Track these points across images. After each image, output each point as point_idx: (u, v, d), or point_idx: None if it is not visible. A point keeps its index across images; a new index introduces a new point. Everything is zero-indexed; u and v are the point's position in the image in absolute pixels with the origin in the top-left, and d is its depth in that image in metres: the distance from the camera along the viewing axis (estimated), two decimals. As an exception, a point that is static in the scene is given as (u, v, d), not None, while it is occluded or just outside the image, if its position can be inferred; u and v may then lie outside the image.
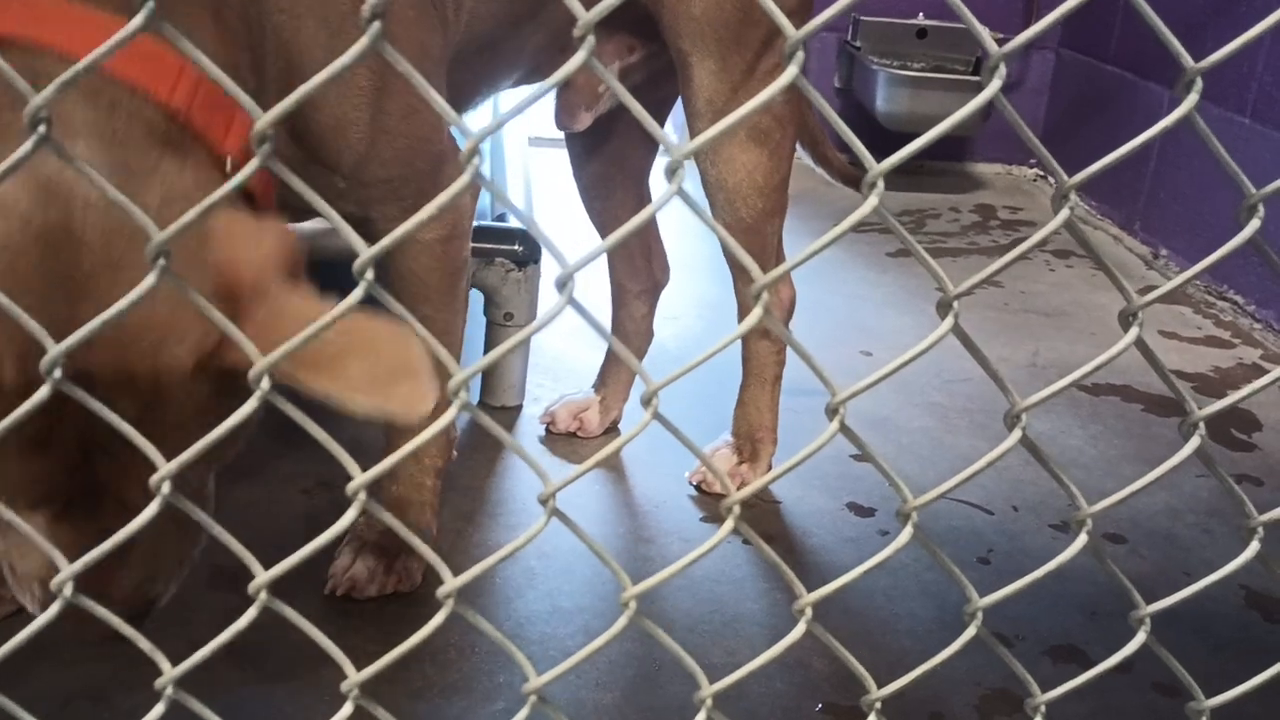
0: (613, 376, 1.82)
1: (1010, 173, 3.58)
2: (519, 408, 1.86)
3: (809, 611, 0.63)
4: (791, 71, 0.54)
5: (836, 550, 1.56)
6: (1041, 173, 3.55)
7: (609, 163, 1.77)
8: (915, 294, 2.53)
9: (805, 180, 3.24)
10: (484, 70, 1.47)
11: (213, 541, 1.56)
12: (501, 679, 1.25)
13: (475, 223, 1.81)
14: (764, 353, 1.69)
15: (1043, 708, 0.68)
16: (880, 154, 0.56)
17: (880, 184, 0.56)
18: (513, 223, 1.86)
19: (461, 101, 1.52)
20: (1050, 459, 0.67)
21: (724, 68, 1.50)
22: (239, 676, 1.20)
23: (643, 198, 1.81)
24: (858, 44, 3.38)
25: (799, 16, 1.50)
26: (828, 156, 1.89)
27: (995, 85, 0.55)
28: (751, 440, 1.70)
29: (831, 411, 0.59)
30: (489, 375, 1.86)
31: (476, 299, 1.85)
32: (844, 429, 0.59)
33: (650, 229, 1.82)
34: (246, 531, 0.64)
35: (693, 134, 1.57)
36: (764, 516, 1.63)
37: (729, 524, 0.61)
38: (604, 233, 1.81)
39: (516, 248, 1.79)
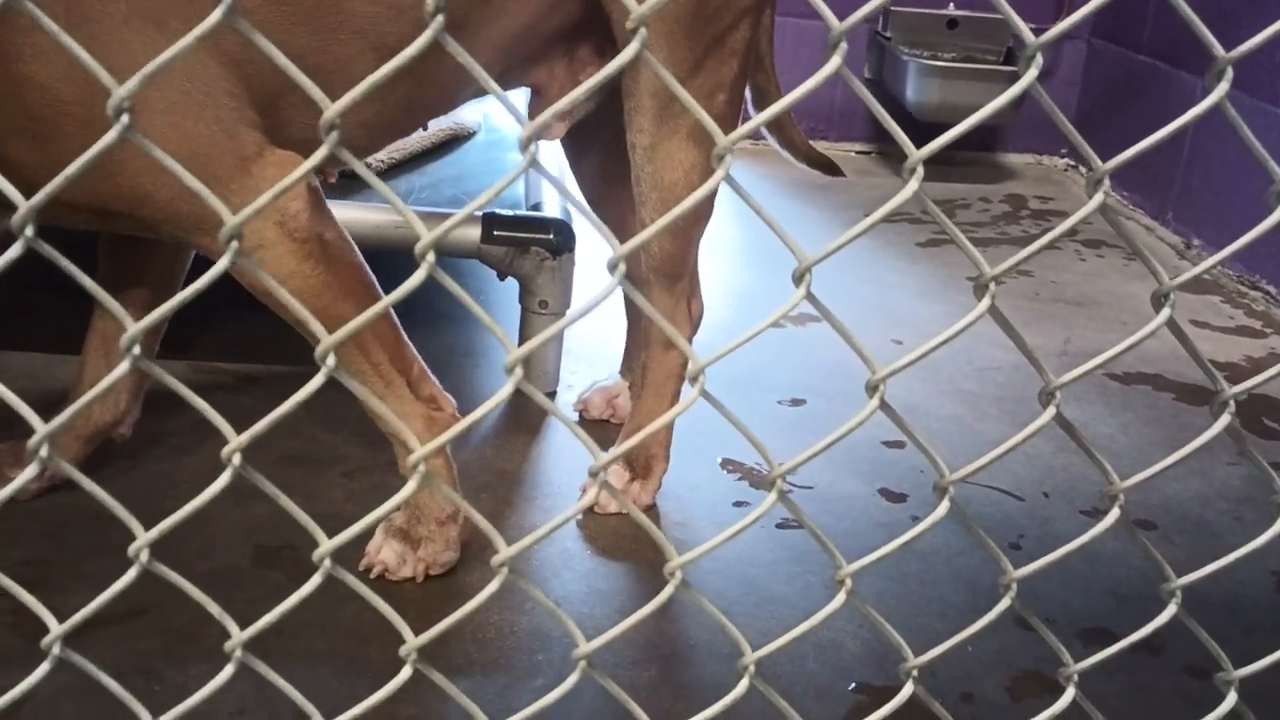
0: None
1: (1041, 163, 3.58)
2: (553, 394, 1.89)
3: (849, 582, 0.65)
4: (835, 62, 0.56)
5: (868, 534, 1.58)
6: (1073, 163, 3.55)
7: (605, 155, 1.72)
8: (946, 284, 2.54)
9: (835, 170, 3.26)
10: (405, 97, 1.36)
11: (255, 523, 1.58)
12: (541, 657, 1.28)
13: (511, 212, 1.85)
14: (670, 363, 1.59)
15: (1075, 678, 0.70)
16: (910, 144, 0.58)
17: (920, 170, 0.58)
18: (548, 212, 1.88)
19: (380, 134, 1.42)
20: (1082, 440, 0.69)
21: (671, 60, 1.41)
22: (283, 653, 1.23)
23: None
24: (888, 34, 3.39)
25: (753, 14, 1.45)
26: (793, 139, 1.83)
27: (1032, 74, 0.57)
28: (645, 455, 1.61)
29: (871, 389, 0.62)
30: (523, 361, 1.89)
31: (512, 287, 1.88)
32: (884, 406, 0.62)
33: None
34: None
35: (631, 123, 1.47)
36: (796, 501, 1.64)
37: (772, 497, 0.63)
38: (615, 228, 1.78)
39: (551, 236, 1.82)
